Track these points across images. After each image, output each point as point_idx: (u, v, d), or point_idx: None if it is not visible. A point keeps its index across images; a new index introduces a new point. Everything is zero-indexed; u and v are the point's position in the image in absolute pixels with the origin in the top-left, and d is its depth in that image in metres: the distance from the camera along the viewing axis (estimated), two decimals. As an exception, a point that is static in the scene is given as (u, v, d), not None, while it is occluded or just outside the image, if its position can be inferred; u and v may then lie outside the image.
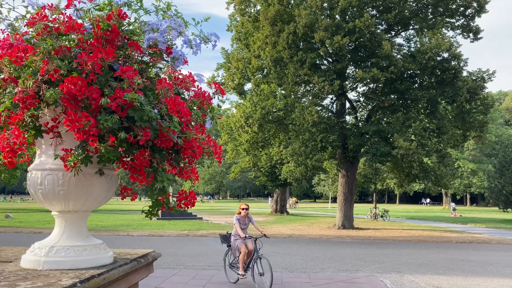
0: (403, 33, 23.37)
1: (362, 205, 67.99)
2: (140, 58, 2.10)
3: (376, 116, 21.41)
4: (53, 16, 1.99)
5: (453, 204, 44.87)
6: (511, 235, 20.53)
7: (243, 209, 8.42)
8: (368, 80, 20.18)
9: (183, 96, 2.24)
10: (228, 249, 8.59)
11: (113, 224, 22.05)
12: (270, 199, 57.28)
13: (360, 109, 24.31)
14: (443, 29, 21.16)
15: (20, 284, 1.70)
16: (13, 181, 39.69)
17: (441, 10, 21.33)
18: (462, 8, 21.32)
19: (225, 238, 8.64)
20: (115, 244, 13.03)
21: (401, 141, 18.21)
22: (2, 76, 1.94)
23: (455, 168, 58.71)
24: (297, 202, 56.28)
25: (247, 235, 8.09)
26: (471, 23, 21.70)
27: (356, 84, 22.62)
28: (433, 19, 21.31)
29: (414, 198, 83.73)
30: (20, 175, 41.01)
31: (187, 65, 2.25)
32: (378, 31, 20.92)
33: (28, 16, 2.05)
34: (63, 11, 2.02)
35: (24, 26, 2.03)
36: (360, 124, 22.23)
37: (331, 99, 23.43)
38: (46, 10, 2.00)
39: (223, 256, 8.93)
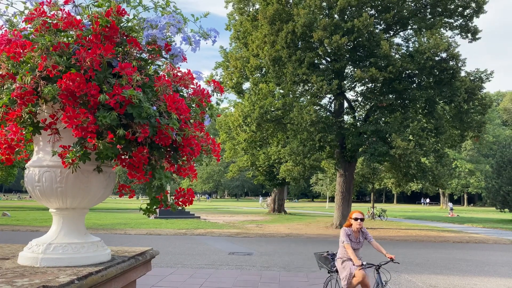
0: (401, 33, 23.41)
1: (359, 204, 68.08)
2: (138, 55, 2.10)
3: (374, 116, 21.43)
4: (52, 12, 1.98)
5: (450, 204, 45.01)
6: (508, 235, 20.59)
7: (356, 219, 5.68)
8: (367, 80, 20.20)
9: (181, 93, 2.23)
10: (330, 276, 6.23)
11: (111, 223, 22.02)
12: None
13: (358, 109, 24.34)
14: (442, 29, 21.20)
15: (17, 281, 1.70)
16: (10, 179, 39.57)
17: (440, 10, 21.36)
18: (460, 9, 21.36)
19: (325, 261, 6.30)
20: (112, 243, 13.02)
21: (399, 141, 18.23)
22: (0, 72, 1.92)
23: (452, 168, 58.92)
24: None
25: (364, 262, 5.42)
26: (470, 24, 21.75)
27: (355, 83, 22.65)
28: (432, 19, 21.34)
29: (412, 198, 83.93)
30: (17, 173, 40.88)
31: (186, 62, 2.25)
32: (377, 31, 20.94)
33: (26, 12, 2.04)
34: (62, 7, 2.01)
35: (22, 22, 2.02)
36: (358, 123, 22.25)
37: (330, 98, 23.45)
38: (45, 6, 1.99)
39: (322, 285, 6.57)
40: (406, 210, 52.51)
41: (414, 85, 20.99)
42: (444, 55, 19.66)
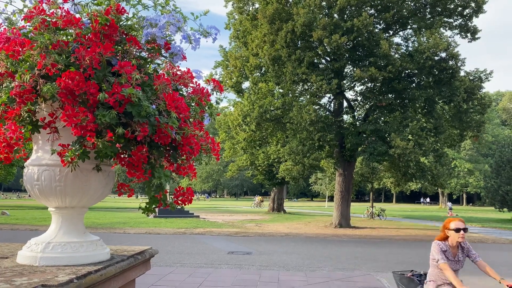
0: (401, 33, 23.41)
1: (359, 204, 68.12)
2: (138, 54, 2.09)
3: (374, 115, 21.43)
4: (51, 10, 1.98)
5: (449, 204, 45.08)
6: (507, 235, 20.62)
7: (457, 230, 4.24)
8: (366, 79, 20.19)
9: (181, 92, 2.23)
10: None
11: (110, 222, 22.01)
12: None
13: (358, 108, 24.35)
14: (441, 28, 21.20)
15: (16, 280, 1.69)
16: (9, 178, 39.52)
17: (439, 9, 21.36)
18: (460, 8, 21.36)
19: (408, 284, 4.90)
20: (111, 242, 13.01)
21: (398, 140, 18.24)
22: (-1, 71, 1.92)
23: (451, 168, 59.01)
24: (262, 201, 50.22)
25: None
26: (469, 23, 21.75)
27: (354, 83, 22.64)
28: (431, 19, 21.35)
29: (411, 198, 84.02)
30: (16, 172, 40.85)
31: (186, 61, 2.24)
32: (376, 30, 20.93)
33: (25, 10, 2.04)
34: (61, 5, 2.01)
35: (22, 20, 2.01)
36: (357, 123, 22.26)
37: (329, 98, 23.45)
38: (44, 4, 1.98)
39: None
40: (405, 209, 52.55)
41: (414, 84, 20.99)
42: (443, 54, 19.66)
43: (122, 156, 1.99)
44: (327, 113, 23.13)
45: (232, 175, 38.98)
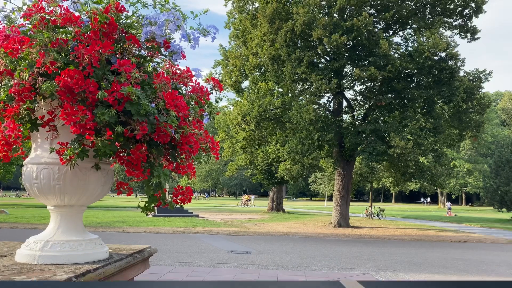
0: (400, 32, 23.40)
1: (358, 203, 68.15)
2: (137, 52, 2.09)
3: (373, 115, 21.43)
4: (50, 8, 1.97)
5: (448, 204, 45.12)
6: (506, 235, 20.64)
7: None
8: (366, 79, 20.18)
9: (180, 91, 2.23)
10: None
11: (109, 221, 22.00)
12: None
13: (357, 108, 24.34)
14: (441, 28, 21.20)
15: (14, 279, 1.69)
16: (8, 177, 39.48)
17: (439, 9, 21.37)
18: (459, 8, 21.35)
19: None
20: (110, 240, 13.00)
21: (397, 140, 18.24)
22: (-2, 69, 1.91)
23: (450, 168, 58.99)
24: (248, 200, 49.11)
25: None
26: (469, 23, 21.76)
27: (354, 82, 22.63)
28: (431, 19, 21.35)
29: (410, 197, 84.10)
30: (15, 170, 40.83)
31: (185, 59, 2.24)
32: (376, 30, 20.92)
33: (24, 8, 2.03)
34: (60, 4, 2.00)
35: (21, 18, 2.00)
36: (357, 123, 22.26)
37: (329, 97, 23.45)
38: (43, 2, 1.98)
39: None
40: (404, 209, 52.61)
41: (413, 84, 20.98)
42: (443, 54, 19.66)
43: (121, 154, 1.99)
44: (327, 112, 23.12)
45: (232, 174, 39.00)
